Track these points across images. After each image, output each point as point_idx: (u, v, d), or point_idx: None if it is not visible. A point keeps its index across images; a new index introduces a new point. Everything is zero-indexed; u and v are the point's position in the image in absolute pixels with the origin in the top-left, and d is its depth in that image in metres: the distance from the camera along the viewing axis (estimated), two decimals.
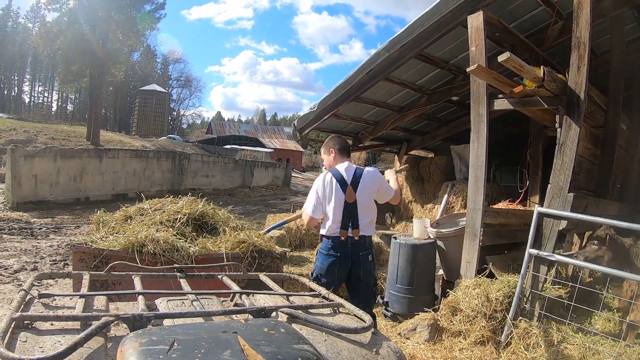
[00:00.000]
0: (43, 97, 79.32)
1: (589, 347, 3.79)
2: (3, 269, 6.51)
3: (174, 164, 20.32)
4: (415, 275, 5.13)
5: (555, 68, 5.20)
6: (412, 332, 4.57)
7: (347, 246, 3.42)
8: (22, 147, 13.89)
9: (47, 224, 10.62)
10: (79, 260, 3.82)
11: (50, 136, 31.81)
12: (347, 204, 3.42)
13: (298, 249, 8.32)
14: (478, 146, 5.06)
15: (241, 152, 47.93)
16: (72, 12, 29.52)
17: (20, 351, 1.31)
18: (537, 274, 4.30)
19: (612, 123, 5.73)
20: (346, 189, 3.43)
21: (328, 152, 3.74)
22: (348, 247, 3.42)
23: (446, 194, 8.71)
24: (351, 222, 3.42)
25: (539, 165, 7.40)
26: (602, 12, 5.20)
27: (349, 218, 3.42)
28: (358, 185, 3.46)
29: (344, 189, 3.43)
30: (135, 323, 1.45)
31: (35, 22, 61.02)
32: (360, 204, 3.45)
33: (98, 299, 1.86)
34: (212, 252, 4.17)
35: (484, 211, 4.95)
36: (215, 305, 1.92)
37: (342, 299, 2.10)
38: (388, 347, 1.69)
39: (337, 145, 3.71)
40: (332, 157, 3.70)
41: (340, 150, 3.70)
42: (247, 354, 1.15)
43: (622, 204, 6.05)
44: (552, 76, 4.37)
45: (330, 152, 3.71)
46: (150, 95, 66.08)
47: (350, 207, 3.42)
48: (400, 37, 6.07)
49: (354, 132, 10.12)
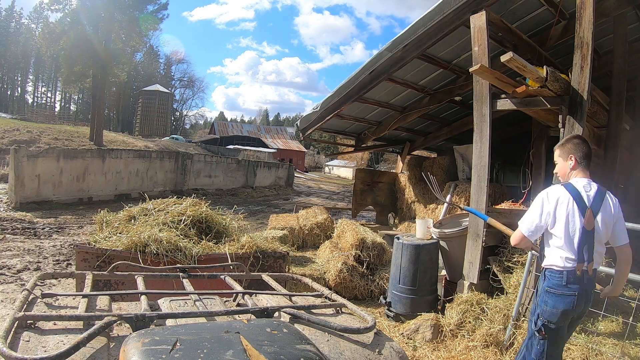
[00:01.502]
0: (46, 97, 79.60)
1: (592, 347, 3.77)
2: (6, 268, 6.53)
3: (177, 164, 20.33)
4: (418, 275, 5.12)
5: (558, 68, 5.19)
6: (415, 333, 4.57)
7: (583, 281, 2.78)
8: (25, 148, 13.93)
9: (50, 224, 10.64)
10: (82, 260, 3.83)
11: (53, 136, 31.85)
12: (585, 231, 2.77)
13: (301, 249, 8.32)
14: (481, 146, 5.05)
15: (244, 152, 47.97)
16: (75, 13, 29.57)
17: (23, 350, 1.31)
18: (539, 274, 4.28)
19: (615, 123, 5.72)
20: (585, 212, 2.77)
21: (566, 158, 3.00)
22: (584, 282, 2.79)
23: (449, 194, 8.69)
24: (587, 254, 2.77)
25: (541, 166, 7.38)
26: (605, 12, 5.18)
27: (584, 248, 2.77)
28: (599, 209, 2.82)
29: (583, 212, 2.78)
30: (138, 323, 1.46)
31: (38, 22, 61.33)
32: (597, 233, 2.80)
33: (101, 299, 1.86)
34: (214, 253, 4.18)
35: (486, 211, 4.94)
36: (218, 305, 1.92)
37: (345, 299, 2.09)
38: (390, 348, 1.69)
39: (580, 151, 2.96)
40: (569, 166, 2.98)
41: (583, 159, 2.96)
42: (250, 354, 1.15)
43: (625, 204, 6.02)
44: (555, 76, 4.36)
45: (569, 158, 2.97)
46: (153, 95, 66.18)
47: (587, 235, 2.77)
48: (403, 37, 6.07)
49: (357, 132, 10.13)
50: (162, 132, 63.23)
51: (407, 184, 10.59)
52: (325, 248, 7.84)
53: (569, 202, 2.79)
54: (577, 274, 2.76)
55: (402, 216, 10.45)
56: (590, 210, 2.78)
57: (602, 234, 2.82)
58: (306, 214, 9.15)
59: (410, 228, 9.21)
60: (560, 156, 3.04)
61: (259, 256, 4.40)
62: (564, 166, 3.00)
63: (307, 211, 9.36)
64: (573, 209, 2.78)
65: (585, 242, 2.76)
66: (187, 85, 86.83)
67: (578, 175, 2.93)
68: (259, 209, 17.70)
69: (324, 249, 7.96)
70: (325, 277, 6.20)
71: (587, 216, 2.76)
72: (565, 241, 2.78)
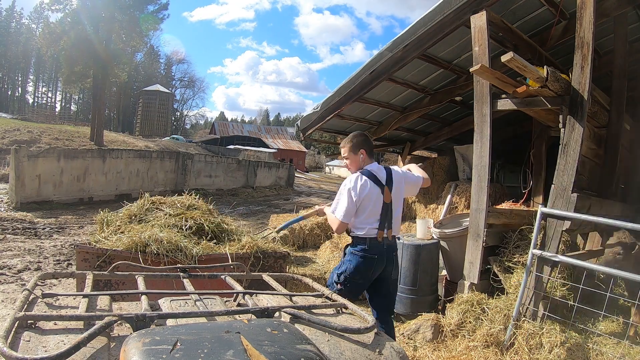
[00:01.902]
0: (47, 97, 79.77)
1: (592, 347, 3.77)
2: (7, 268, 6.53)
3: (177, 164, 20.33)
4: (418, 275, 5.12)
5: (558, 68, 5.19)
6: (415, 333, 4.56)
7: (383, 247, 3.37)
8: (25, 148, 13.94)
9: (51, 224, 10.64)
10: (82, 260, 3.84)
11: (53, 136, 31.88)
12: (385, 205, 3.35)
13: (301, 249, 8.33)
14: (481, 146, 5.05)
15: (244, 152, 47.99)
16: (76, 13, 29.60)
17: (24, 350, 1.31)
18: (540, 274, 4.29)
19: (616, 123, 5.71)
20: (383, 190, 3.36)
21: (356, 152, 3.48)
22: (384, 247, 3.37)
23: (449, 194, 8.69)
24: (387, 222, 3.37)
25: (542, 166, 7.38)
26: (606, 12, 5.18)
27: (385, 219, 3.36)
28: (392, 184, 3.41)
29: (382, 190, 3.35)
30: (139, 323, 1.46)
31: (38, 22, 61.35)
32: (394, 204, 3.42)
33: (101, 299, 1.86)
34: (215, 253, 4.18)
35: (487, 211, 4.94)
36: (219, 305, 1.92)
37: (345, 299, 2.10)
38: (391, 348, 1.69)
39: (366, 145, 3.51)
40: (361, 158, 3.47)
41: (370, 150, 3.52)
42: (250, 354, 1.15)
43: (626, 204, 6.02)
44: (556, 76, 4.36)
45: (360, 152, 3.47)
46: (153, 95, 66.24)
47: (387, 208, 3.37)
48: (404, 37, 6.07)
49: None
50: (162, 132, 63.28)
51: None
52: (326, 248, 7.85)
53: (368, 184, 3.33)
54: (378, 240, 3.34)
55: (403, 216, 10.43)
56: (386, 186, 3.39)
57: (398, 203, 3.48)
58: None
59: (410, 228, 9.20)
60: (350, 151, 3.51)
61: (260, 256, 4.40)
62: (356, 159, 3.49)
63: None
64: (375, 189, 3.33)
65: (384, 214, 3.36)
66: (187, 85, 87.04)
67: (367, 163, 3.47)
68: (259, 209, 17.70)
69: (324, 249, 7.97)
70: (325, 277, 6.20)
71: (385, 192, 3.37)
72: (370, 214, 3.34)
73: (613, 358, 3.65)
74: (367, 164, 3.46)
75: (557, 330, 3.98)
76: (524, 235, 5.03)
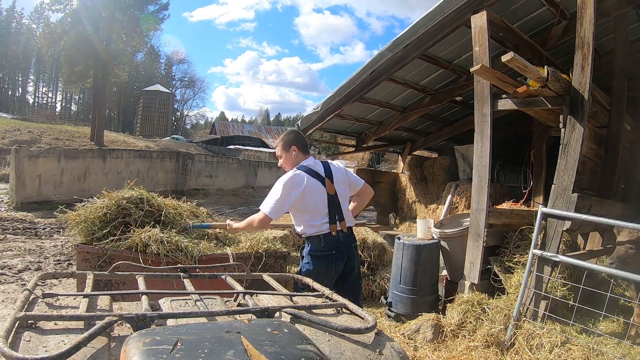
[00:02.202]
0: (47, 97, 79.76)
1: (593, 347, 3.77)
2: (7, 268, 6.54)
3: (178, 164, 20.35)
4: (418, 275, 5.11)
5: (558, 68, 5.19)
6: (416, 333, 4.56)
7: (339, 240, 3.26)
8: (26, 148, 13.97)
9: (51, 224, 10.64)
10: (82, 260, 3.84)
11: (54, 136, 31.91)
12: (330, 197, 3.26)
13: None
14: (482, 146, 5.05)
15: (245, 152, 48.01)
16: (76, 13, 29.63)
17: (24, 350, 1.31)
18: (540, 274, 4.29)
19: (616, 123, 5.71)
20: (324, 182, 3.26)
21: (288, 149, 3.44)
22: (340, 241, 3.26)
23: (450, 195, 8.70)
24: (337, 215, 3.26)
25: (542, 166, 7.38)
26: (606, 12, 5.18)
27: (334, 211, 3.26)
28: (332, 176, 3.32)
29: (323, 182, 3.26)
30: (139, 323, 1.45)
31: (39, 22, 61.31)
32: (340, 195, 3.32)
33: (102, 299, 1.86)
34: (215, 253, 4.17)
35: (487, 211, 4.94)
36: (219, 305, 1.92)
37: (346, 299, 2.09)
38: (391, 348, 1.69)
39: (299, 141, 3.47)
40: (293, 155, 3.42)
41: (303, 146, 3.47)
42: (251, 354, 1.15)
43: (626, 204, 6.02)
44: (556, 76, 4.36)
45: (292, 149, 3.42)
46: (154, 95, 66.16)
47: (333, 200, 3.27)
48: (404, 37, 6.07)
49: (358, 132, 10.12)
50: (163, 132, 63.21)
51: (408, 184, 10.59)
52: None
53: (306, 178, 3.22)
54: (332, 235, 3.22)
55: (403, 216, 10.44)
56: (327, 178, 3.29)
57: (343, 194, 3.37)
58: None
59: (411, 228, 9.21)
60: (283, 149, 3.47)
61: (260, 256, 4.39)
62: (288, 156, 3.44)
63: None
64: (314, 182, 3.23)
65: (332, 205, 3.26)
66: (187, 85, 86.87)
67: (301, 159, 3.39)
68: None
69: None
70: None
71: (327, 184, 3.27)
72: (318, 209, 3.23)
73: (614, 358, 3.64)
74: (302, 160, 3.38)
75: (557, 330, 3.97)
76: (525, 236, 5.03)
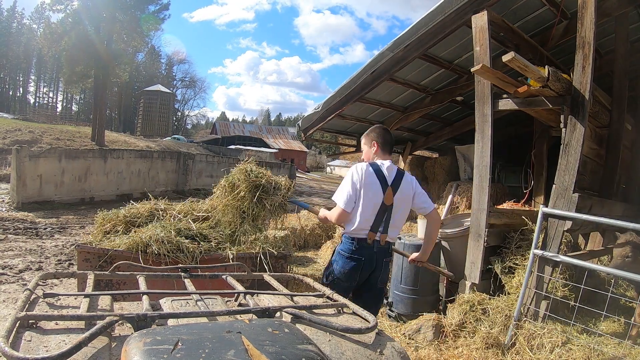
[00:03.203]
0: (48, 97, 79.87)
1: (593, 348, 3.77)
2: (8, 268, 6.54)
3: (179, 164, 20.33)
4: (419, 275, 5.11)
5: (559, 68, 5.19)
6: (417, 333, 4.56)
7: (373, 250, 3.13)
8: (27, 148, 13.95)
9: (52, 224, 10.65)
10: (83, 260, 3.84)
11: (55, 137, 31.89)
12: (383, 206, 3.10)
13: (302, 249, 8.33)
14: (482, 146, 5.05)
15: (245, 152, 47.93)
16: (77, 13, 29.61)
17: (25, 350, 1.31)
18: (541, 274, 4.28)
19: (617, 123, 5.71)
20: (386, 189, 3.10)
21: (370, 144, 3.33)
22: (374, 251, 3.14)
23: (450, 194, 8.69)
24: (382, 226, 3.12)
25: (543, 166, 7.37)
26: (607, 12, 5.18)
27: (381, 221, 3.11)
28: (399, 187, 3.15)
29: (384, 189, 3.10)
30: (140, 323, 1.46)
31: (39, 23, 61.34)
32: (395, 208, 3.14)
33: (102, 299, 1.86)
34: (216, 253, 4.17)
35: (488, 211, 4.94)
36: (220, 305, 1.92)
37: (346, 299, 2.09)
38: (392, 348, 1.69)
39: (380, 138, 3.31)
40: (373, 151, 3.29)
41: (384, 144, 3.30)
42: (251, 354, 1.15)
43: (627, 204, 6.02)
44: (557, 76, 4.36)
45: (372, 144, 3.31)
46: (154, 95, 66.19)
47: (385, 210, 3.11)
48: (404, 37, 6.07)
49: (359, 132, 10.11)
50: (163, 132, 63.25)
51: None
52: (327, 248, 7.85)
53: (372, 177, 3.11)
54: (367, 242, 3.11)
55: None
56: (391, 187, 3.12)
57: (401, 210, 3.19)
58: (308, 214, 9.15)
59: (412, 228, 9.21)
60: (365, 143, 3.39)
61: (261, 256, 4.39)
62: (369, 151, 3.33)
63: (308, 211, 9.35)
64: (377, 184, 3.10)
65: (381, 215, 3.10)
66: (188, 85, 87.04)
67: (380, 158, 3.26)
68: None
69: (325, 249, 7.97)
70: None
71: (387, 192, 3.10)
72: (364, 211, 3.08)
73: (614, 358, 3.64)
74: (380, 159, 3.25)
75: (558, 330, 3.97)
76: (525, 236, 5.03)
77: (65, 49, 29.74)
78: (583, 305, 3.91)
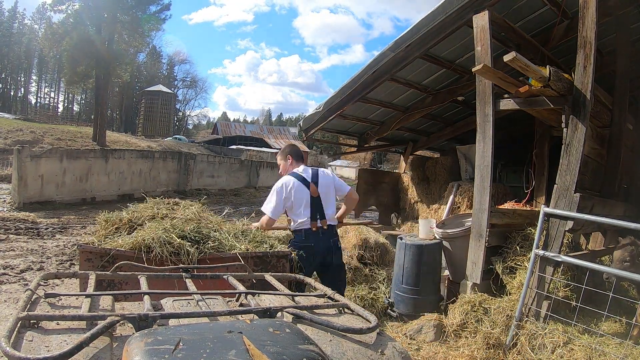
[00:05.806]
0: (49, 98, 79.99)
1: (595, 348, 3.76)
2: (9, 268, 6.54)
3: (180, 165, 20.35)
4: (420, 275, 5.11)
5: (561, 67, 5.18)
6: (418, 333, 4.56)
7: (319, 235, 3.90)
8: (28, 148, 13.97)
9: (54, 224, 10.66)
10: (85, 260, 3.83)
11: (56, 137, 31.94)
12: (313, 199, 3.91)
13: None
14: (484, 146, 5.04)
15: (247, 152, 48.06)
16: (78, 14, 29.67)
17: (26, 350, 1.31)
18: (543, 274, 4.28)
19: (618, 123, 5.70)
20: (309, 186, 3.92)
21: (285, 159, 4.21)
22: (320, 236, 3.90)
23: (452, 195, 8.67)
24: (318, 214, 3.91)
25: (544, 166, 7.36)
26: (608, 11, 5.17)
27: (316, 211, 3.91)
28: (318, 180, 3.97)
29: (307, 186, 3.92)
30: (141, 323, 1.45)
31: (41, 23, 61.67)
32: (323, 196, 3.95)
33: (104, 299, 1.86)
34: (217, 253, 4.17)
35: (490, 211, 4.93)
36: (221, 305, 1.92)
37: (347, 299, 2.09)
38: (393, 348, 1.69)
39: (292, 152, 4.20)
40: (289, 163, 4.16)
41: (296, 156, 4.18)
42: (252, 354, 1.15)
43: (628, 204, 6.01)
44: (558, 76, 4.35)
45: (287, 158, 4.19)
46: (156, 96, 66.26)
47: (315, 201, 3.91)
48: (406, 37, 6.07)
49: (360, 132, 10.12)
50: (164, 132, 63.33)
51: (410, 184, 10.57)
52: None
53: (294, 183, 3.93)
54: (312, 230, 3.89)
55: (405, 216, 10.43)
56: (312, 183, 3.95)
57: (327, 197, 3.99)
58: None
59: (413, 228, 9.19)
60: (281, 159, 4.26)
61: (262, 256, 4.39)
62: (285, 164, 4.21)
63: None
64: (301, 186, 3.92)
65: (315, 206, 3.92)
66: (189, 85, 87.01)
67: (295, 167, 4.11)
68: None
69: None
70: None
71: (311, 188, 3.93)
72: (303, 208, 3.91)
73: (616, 358, 3.64)
74: (295, 168, 4.08)
75: (559, 330, 3.97)
76: (527, 236, 5.03)
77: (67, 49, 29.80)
78: (584, 305, 3.90)
